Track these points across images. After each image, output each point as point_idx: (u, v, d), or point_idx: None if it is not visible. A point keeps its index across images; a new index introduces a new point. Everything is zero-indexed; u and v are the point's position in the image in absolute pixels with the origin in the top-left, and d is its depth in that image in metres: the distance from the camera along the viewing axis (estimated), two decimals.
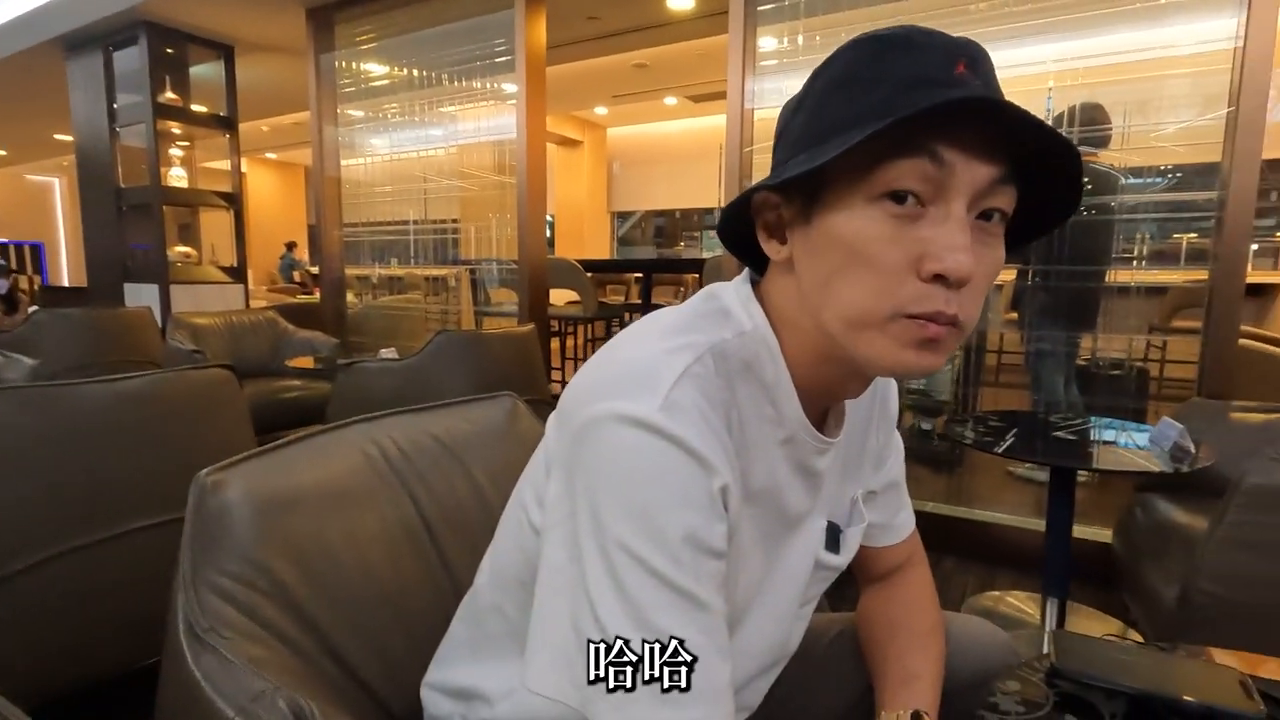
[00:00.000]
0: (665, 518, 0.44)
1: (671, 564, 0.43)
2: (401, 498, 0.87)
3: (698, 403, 0.47)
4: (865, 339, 0.47)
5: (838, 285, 0.47)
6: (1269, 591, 1.24)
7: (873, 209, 0.45)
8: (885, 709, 0.64)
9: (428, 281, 3.95)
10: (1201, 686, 0.62)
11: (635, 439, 0.45)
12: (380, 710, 0.74)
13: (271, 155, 11.04)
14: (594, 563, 0.45)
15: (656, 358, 0.49)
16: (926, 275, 0.44)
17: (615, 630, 0.43)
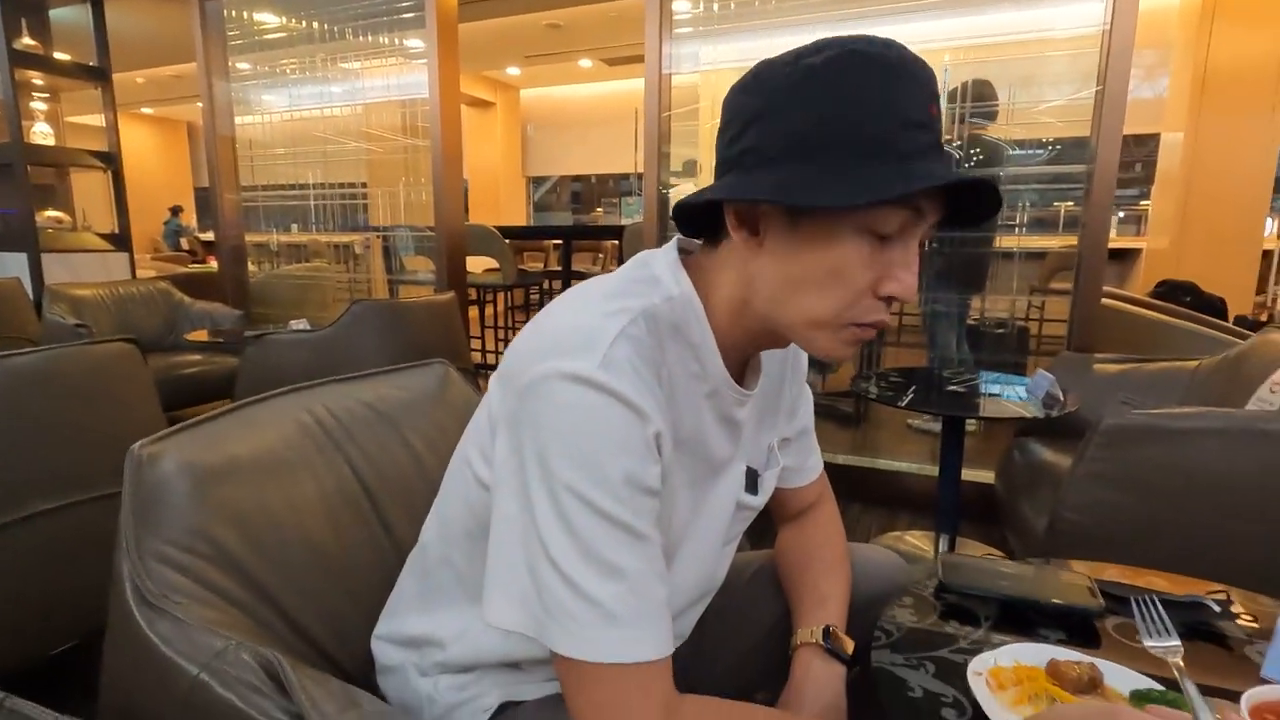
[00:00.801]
0: (607, 462, 0.49)
1: (614, 502, 0.49)
2: (339, 464, 0.88)
3: (632, 360, 0.52)
4: (815, 336, 0.57)
5: (808, 292, 0.54)
6: (1118, 516, 1.43)
7: (859, 239, 0.52)
8: (801, 626, 0.72)
9: (334, 249, 3.78)
10: (1058, 590, 0.74)
11: (578, 394, 0.50)
12: (332, 667, 0.76)
13: (149, 110, 10.09)
14: (544, 506, 0.50)
15: (595, 321, 0.54)
16: (882, 294, 0.54)
17: (566, 563, 0.49)
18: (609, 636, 0.48)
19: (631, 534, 0.50)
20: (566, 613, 0.49)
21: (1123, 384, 1.97)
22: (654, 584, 0.51)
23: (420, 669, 0.69)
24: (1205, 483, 1.37)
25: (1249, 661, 0.67)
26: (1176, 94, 4.59)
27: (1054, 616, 0.73)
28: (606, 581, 0.49)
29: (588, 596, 0.48)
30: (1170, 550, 1.41)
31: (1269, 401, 1.57)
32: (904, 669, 0.65)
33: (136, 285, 3.40)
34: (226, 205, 3.58)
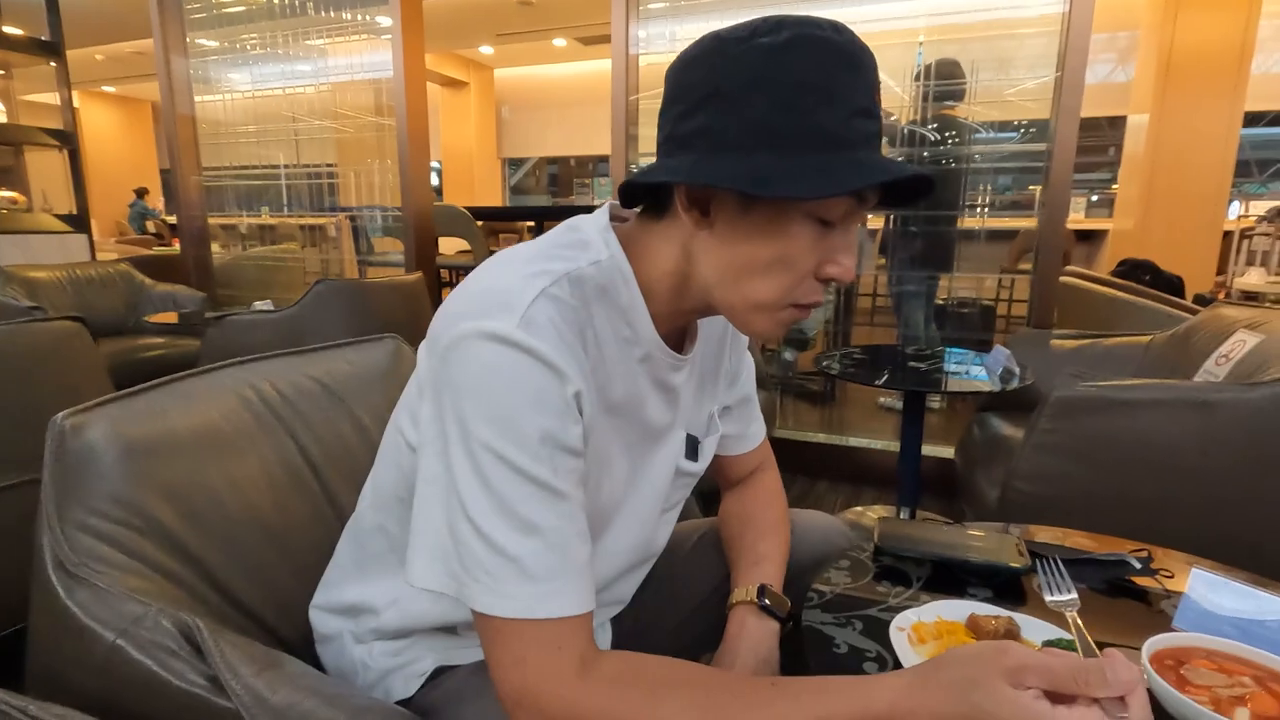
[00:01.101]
0: (524, 420, 0.49)
1: (531, 460, 0.49)
2: (283, 440, 0.88)
3: (552, 319, 0.52)
4: (755, 318, 0.58)
5: (754, 276, 0.55)
6: (1067, 485, 1.47)
7: (806, 226, 0.53)
8: (738, 585, 0.74)
9: (305, 231, 3.72)
10: (987, 550, 0.76)
11: (496, 352, 0.50)
12: (270, 637, 0.76)
13: (110, 89, 9.80)
14: (462, 465, 0.50)
15: (515, 282, 0.54)
16: (823, 277, 0.56)
17: (482, 520, 0.49)
18: (525, 592, 0.49)
19: (549, 491, 0.50)
20: (483, 569, 0.49)
21: (1079, 359, 2.01)
22: (573, 541, 0.52)
23: (356, 636, 0.69)
24: (1150, 451, 1.41)
25: (1165, 615, 0.69)
26: (1143, 76, 4.65)
27: (983, 575, 0.75)
28: (523, 538, 0.49)
29: (504, 552, 0.49)
30: (1116, 517, 1.45)
31: (1214, 374, 1.62)
32: (832, 627, 0.67)
33: (95, 267, 3.32)
34: (187, 185, 3.50)
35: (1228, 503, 1.37)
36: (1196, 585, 0.64)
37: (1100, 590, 0.74)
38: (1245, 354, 1.55)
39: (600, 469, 0.62)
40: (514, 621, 0.49)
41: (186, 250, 3.57)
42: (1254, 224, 4.07)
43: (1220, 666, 0.54)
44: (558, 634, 0.49)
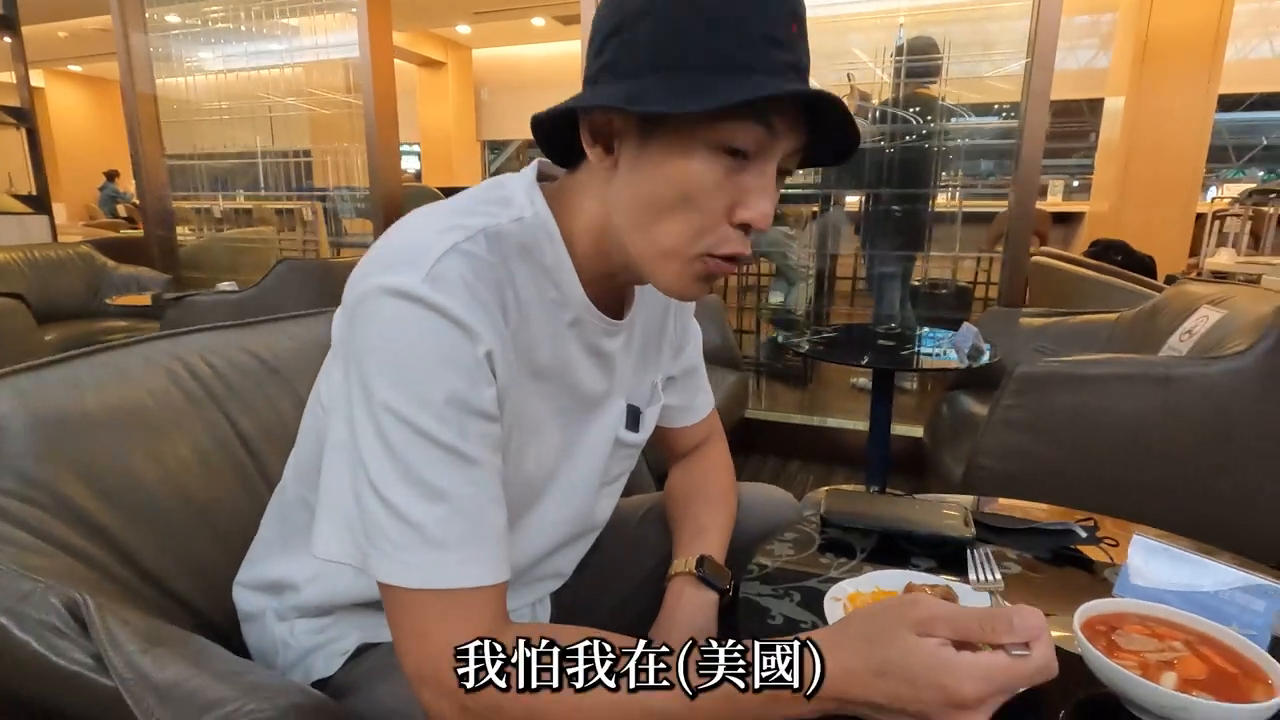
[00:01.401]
0: (428, 380, 0.47)
1: (436, 423, 0.47)
2: (214, 417, 0.84)
3: (463, 275, 0.49)
4: (666, 267, 0.54)
5: (659, 217, 0.52)
6: (1031, 460, 1.47)
7: (710, 157, 0.49)
8: (677, 557, 0.72)
9: (280, 215, 3.64)
10: (933, 521, 0.75)
11: (399, 309, 0.47)
12: (197, 619, 0.73)
13: (77, 68, 9.53)
14: (365, 428, 0.47)
15: (425, 236, 0.51)
16: (736, 221, 0.51)
17: (386, 488, 0.46)
18: (429, 560, 0.46)
19: (457, 456, 0.48)
20: (386, 537, 0.46)
21: (1047, 336, 2.02)
22: (486, 508, 0.49)
23: (278, 614, 0.66)
24: (1112, 426, 1.41)
25: (1107, 583, 0.68)
26: (1119, 60, 4.65)
27: (928, 546, 0.74)
28: (429, 504, 0.46)
29: (407, 519, 0.46)
30: (1079, 490, 1.45)
31: (1178, 349, 1.62)
32: (769, 599, 0.65)
33: (55, 249, 3.23)
34: (150, 166, 3.40)
35: (1188, 473, 1.38)
36: (1137, 553, 0.63)
37: (1045, 560, 0.73)
38: (1208, 329, 1.56)
39: (527, 436, 0.59)
40: (417, 592, 0.46)
41: (150, 232, 3.48)
42: (1228, 206, 4.10)
43: (1153, 631, 0.53)
44: (464, 605, 0.47)
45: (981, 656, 0.41)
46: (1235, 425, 1.36)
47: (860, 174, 2.64)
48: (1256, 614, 0.56)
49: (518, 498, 0.61)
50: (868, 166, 2.59)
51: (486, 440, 0.50)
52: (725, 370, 2.35)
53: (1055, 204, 5.60)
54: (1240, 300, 1.55)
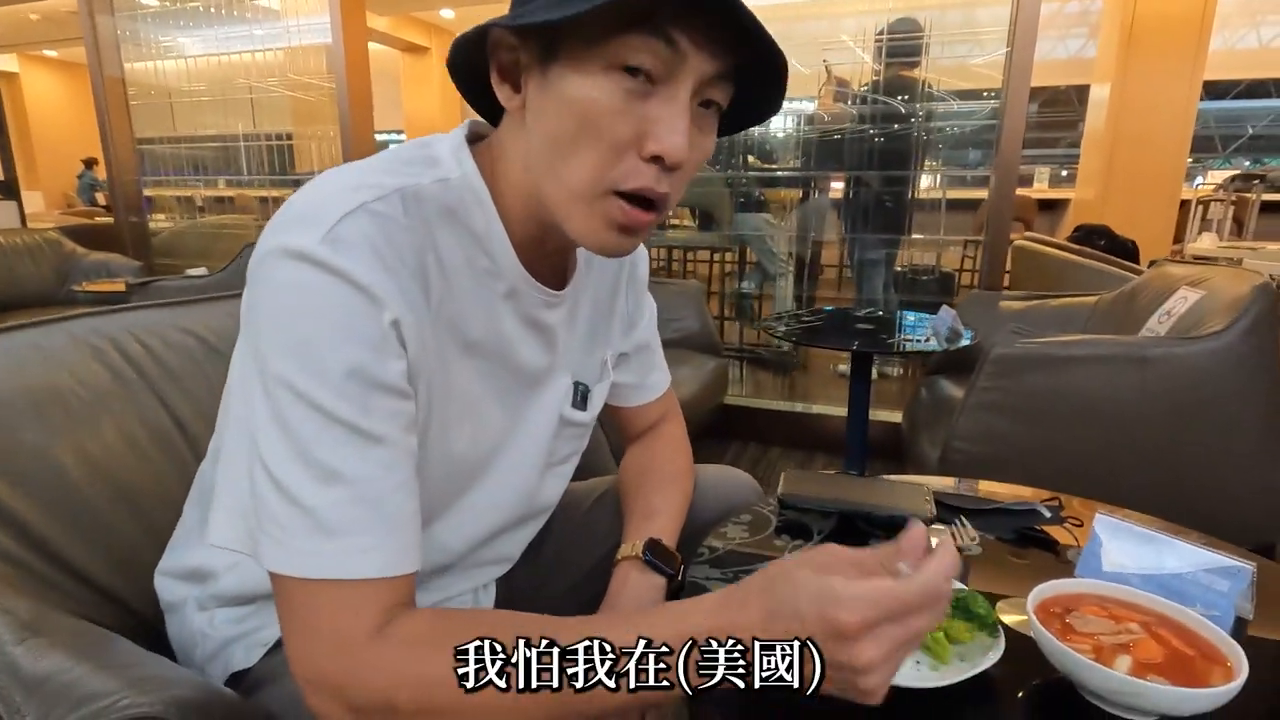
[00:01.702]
0: (326, 352, 0.43)
1: (335, 398, 0.43)
2: (147, 399, 0.80)
3: (369, 236, 0.45)
4: (577, 212, 0.49)
5: (564, 153, 0.47)
6: (1007, 443, 1.45)
7: (608, 79, 0.45)
8: (625, 541, 0.69)
9: (262, 204, 3.57)
10: (892, 500, 0.72)
11: (295, 273, 0.43)
12: (120, 610, 0.69)
13: (52, 53, 9.32)
14: (260, 403, 0.43)
15: (330, 195, 0.47)
16: (646, 154, 0.46)
17: (278, 468, 0.43)
18: (321, 548, 0.42)
19: (358, 434, 0.43)
20: (276, 521, 0.43)
21: (1026, 319, 1.99)
22: (390, 493, 0.45)
23: (199, 603, 0.63)
24: (1089, 408, 1.39)
25: (1070, 564, 0.66)
26: (1106, 47, 4.63)
27: (886, 526, 0.71)
28: (323, 486, 0.42)
29: (299, 502, 0.42)
30: (1055, 473, 1.42)
31: (1157, 331, 1.60)
32: (717, 582, 0.62)
33: (22, 235, 3.15)
34: (119, 151, 3.32)
35: (1165, 454, 1.36)
36: (1100, 533, 0.60)
37: (1008, 540, 0.70)
38: (1187, 310, 1.54)
39: (458, 415, 0.56)
40: (307, 582, 0.42)
41: (121, 217, 3.40)
42: (1212, 192, 4.10)
43: (1110, 613, 0.50)
44: (358, 598, 0.43)
45: (865, 582, 0.38)
46: (1212, 405, 1.34)
47: (841, 158, 2.61)
48: (1220, 594, 0.54)
49: (448, 480, 0.58)
50: (849, 151, 2.56)
51: (395, 418, 0.46)
52: (705, 356, 2.32)
53: (1041, 191, 5.60)
54: (1219, 281, 1.53)
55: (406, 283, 0.47)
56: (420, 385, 0.49)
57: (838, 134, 2.60)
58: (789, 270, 2.95)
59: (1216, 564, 0.55)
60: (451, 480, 0.58)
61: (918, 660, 0.49)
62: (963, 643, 0.50)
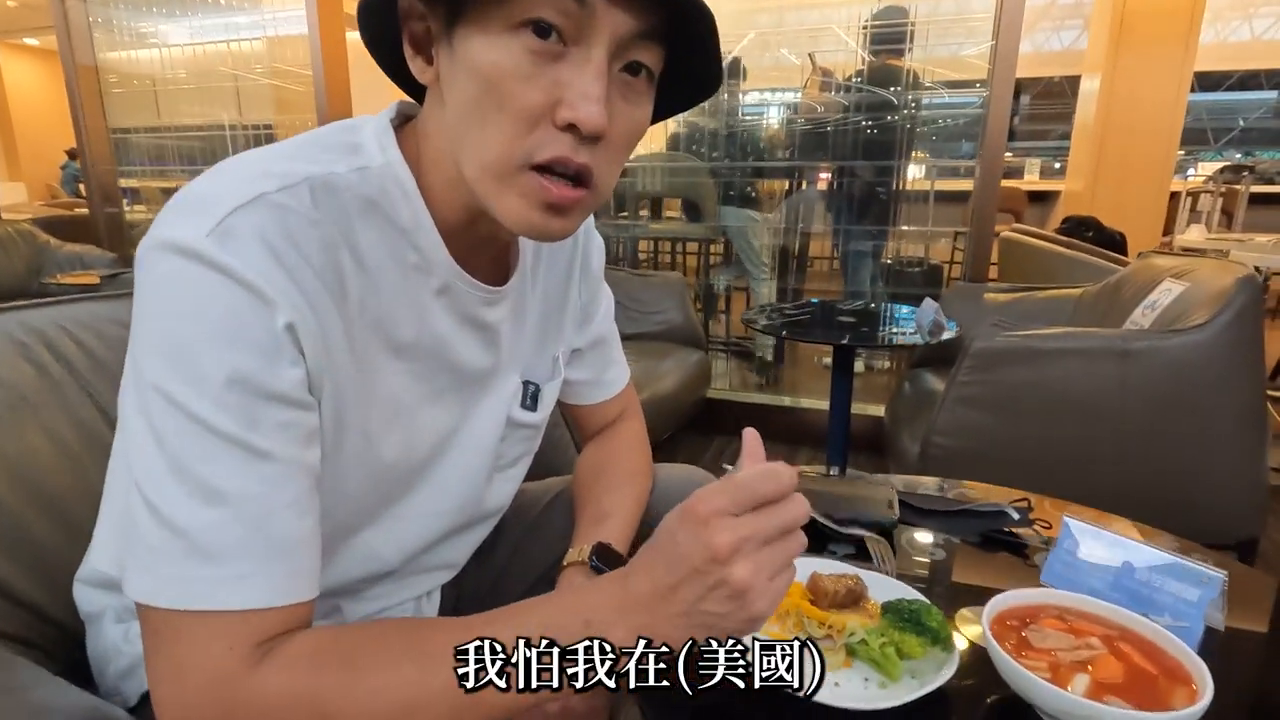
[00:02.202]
0: (205, 357, 0.39)
1: (214, 408, 0.39)
2: (73, 394, 0.76)
3: (263, 231, 0.41)
4: (496, 191, 0.45)
5: (474, 124, 0.43)
6: (986, 438, 1.42)
7: (513, 39, 0.41)
8: (573, 545, 0.65)
9: None
10: (856, 504, 0.69)
11: (174, 268, 0.39)
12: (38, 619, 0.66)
13: (33, 42, 9.17)
14: (133, 413, 0.40)
15: (227, 184, 0.42)
16: (560, 123, 0.42)
17: (151, 486, 0.39)
18: (193, 575, 0.38)
19: (240, 449, 0.39)
20: (146, 545, 0.38)
21: (1011, 312, 1.97)
22: (278, 513, 0.41)
23: (117, 614, 0.59)
24: (1070, 401, 1.36)
25: (1036, 568, 0.63)
26: (1096, 37, 4.60)
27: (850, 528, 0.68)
28: (201, 507, 0.38)
29: (171, 524, 0.38)
30: (1034, 467, 1.41)
31: (1140, 323, 1.57)
32: None
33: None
34: (93, 140, 3.25)
35: (1146, 447, 1.34)
36: (1067, 536, 0.57)
37: (974, 543, 0.67)
38: (1171, 302, 1.51)
39: (390, 421, 0.52)
40: (175, 614, 0.38)
41: (96, 209, 3.34)
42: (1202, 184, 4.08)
43: (1070, 626, 0.47)
44: (235, 631, 0.38)
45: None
46: (1193, 398, 1.32)
47: (828, 149, 2.57)
48: (1190, 604, 0.51)
49: (376, 489, 0.54)
50: (835, 142, 2.52)
51: (288, 431, 0.42)
52: (688, 349, 2.29)
53: (1032, 183, 5.58)
54: (1203, 273, 1.51)
55: (309, 283, 0.43)
56: (327, 393, 0.45)
57: (824, 125, 2.57)
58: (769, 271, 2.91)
59: (1186, 569, 0.52)
60: (380, 489, 0.54)
61: (866, 678, 0.46)
62: (914, 659, 0.47)
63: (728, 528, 0.38)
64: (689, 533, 0.39)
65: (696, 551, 0.38)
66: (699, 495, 0.39)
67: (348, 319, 0.46)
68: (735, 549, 0.38)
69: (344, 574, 0.57)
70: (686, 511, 0.39)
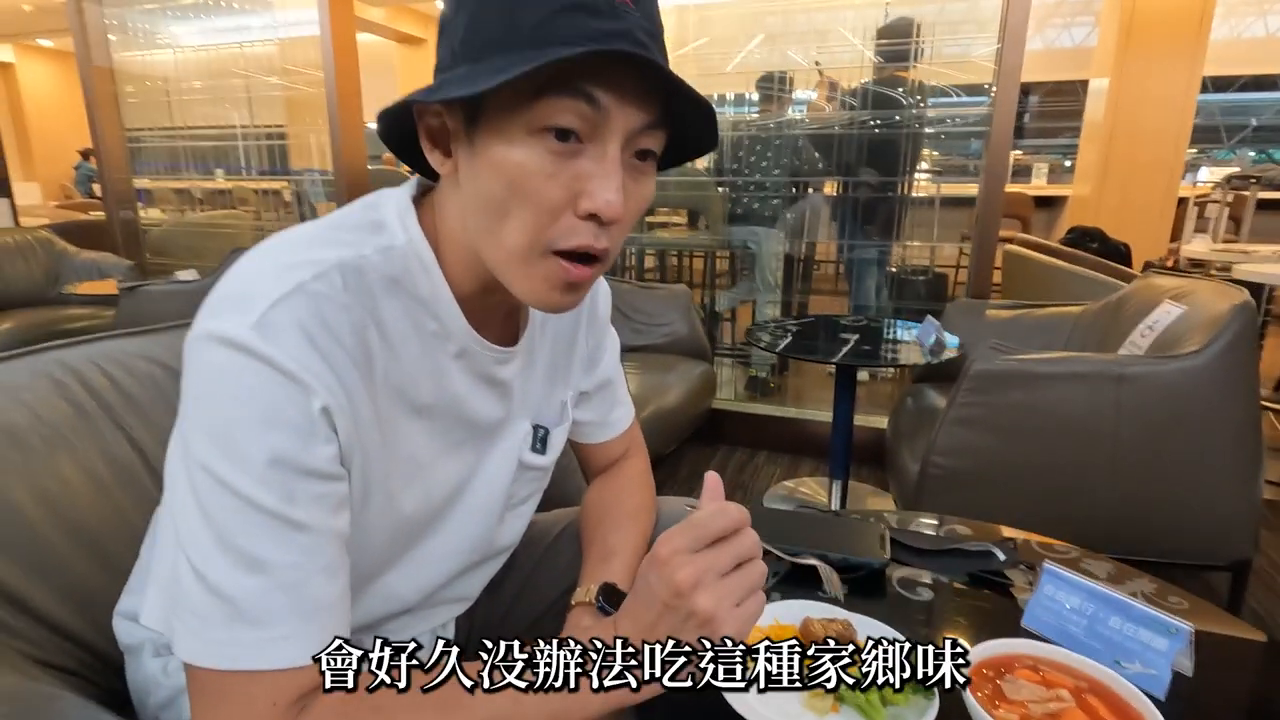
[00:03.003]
0: (249, 439, 0.43)
1: (256, 486, 0.43)
2: (107, 429, 0.80)
3: (302, 321, 0.45)
4: (518, 274, 0.49)
5: (499, 217, 0.47)
6: (985, 461, 1.45)
7: (534, 142, 0.45)
8: (580, 585, 0.69)
9: (262, 196, 3.55)
10: (846, 543, 0.72)
11: (222, 358, 0.43)
12: (81, 651, 0.70)
13: (48, 43, 9.27)
14: (184, 488, 0.44)
15: (264, 275, 0.46)
16: (581, 213, 0.46)
17: (199, 555, 0.43)
18: (239, 638, 0.42)
19: (280, 522, 0.44)
20: (194, 612, 0.43)
21: (1011, 329, 1.99)
22: (312, 579, 0.45)
23: (155, 648, 0.63)
24: (1067, 425, 1.39)
25: (1019, 612, 0.66)
26: (1105, 39, 4.59)
27: (841, 570, 0.71)
28: (244, 575, 0.43)
29: (219, 592, 0.42)
30: (1032, 491, 1.44)
31: (1139, 345, 1.60)
32: None
33: (13, 234, 3.14)
34: (109, 144, 3.31)
35: (1141, 470, 1.37)
36: (1047, 581, 0.61)
37: (962, 584, 0.70)
38: (1169, 325, 1.54)
39: (410, 476, 0.56)
40: (222, 674, 0.42)
41: (111, 215, 3.39)
42: (1209, 191, 4.07)
43: (1043, 677, 0.51)
44: (276, 687, 0.43)
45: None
46: (1188, 423, 1.35)
47: (833, 159, 2.59)
48: (1159, 653, 0.54)
49: (395, 538, 0.58)
50: (841, 151, 2.54)
51: (322, 502, 0.46)
52: (693, 361, 2.32)
53: (1039, 187, 5.57)
54: (1201, 295, 1.53)
55: (342, 363, 0.47)
56: (356, 462, 0.49)
57: (830, 137, 2.59)
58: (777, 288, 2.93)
59: (1156, 621, 0.55)
60: (400, 538, 0.58)
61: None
62: (896, 705, 0.50)
63: (687, 563, 0.43)
64: (656, 574, 0.44)
65: (663, 589, 0.44)
66: (661, 539, 0.45)
67: (373, 389, 0.50)
68: (696, 582, 0.43)
69: (366, 613, 0.61)
70: (652, 555, 0.45)
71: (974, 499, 1.47)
